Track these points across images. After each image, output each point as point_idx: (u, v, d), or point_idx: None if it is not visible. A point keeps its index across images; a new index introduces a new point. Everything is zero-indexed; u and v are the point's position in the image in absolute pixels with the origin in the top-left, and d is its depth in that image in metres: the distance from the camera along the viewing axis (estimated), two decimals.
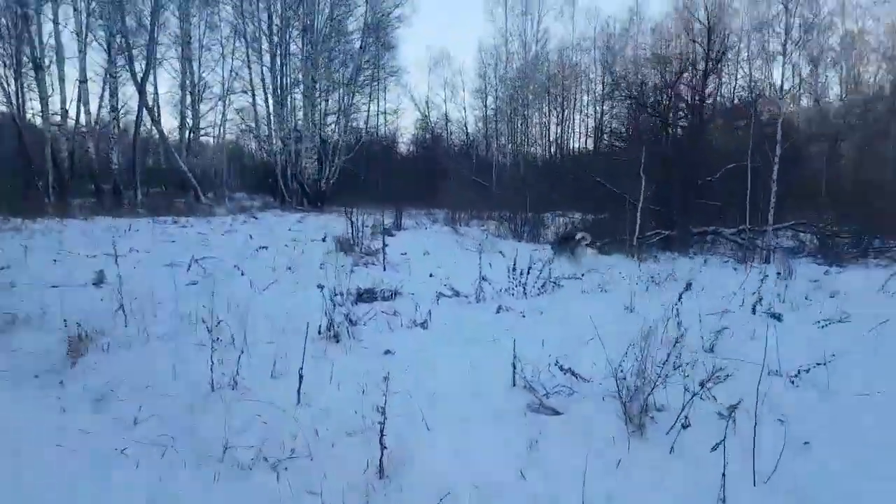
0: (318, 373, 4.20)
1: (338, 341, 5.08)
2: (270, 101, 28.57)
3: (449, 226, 17.39)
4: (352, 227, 10.97)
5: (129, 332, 5.19)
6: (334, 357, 4.63)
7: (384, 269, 8.80)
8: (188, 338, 5.09)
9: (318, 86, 27.32)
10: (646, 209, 12.77)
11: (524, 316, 5.82)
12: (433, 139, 37.74)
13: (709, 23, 14.18)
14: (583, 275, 7.81)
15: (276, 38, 26.76)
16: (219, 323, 4.97)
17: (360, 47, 27.74)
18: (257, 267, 8.45)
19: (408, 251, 10.57)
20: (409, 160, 38.27)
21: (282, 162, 27.90)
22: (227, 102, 29.99)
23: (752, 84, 23.25)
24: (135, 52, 23.01)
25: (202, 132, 30.43)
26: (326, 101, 28.21)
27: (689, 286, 4.67)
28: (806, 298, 7.11)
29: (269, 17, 26.72)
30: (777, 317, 5.74)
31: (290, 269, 8.62)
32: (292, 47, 27.58)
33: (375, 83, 29.90)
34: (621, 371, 3.43)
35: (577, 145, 39.32)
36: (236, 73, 29.20)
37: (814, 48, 29.81)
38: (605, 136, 37.19)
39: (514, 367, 3.89)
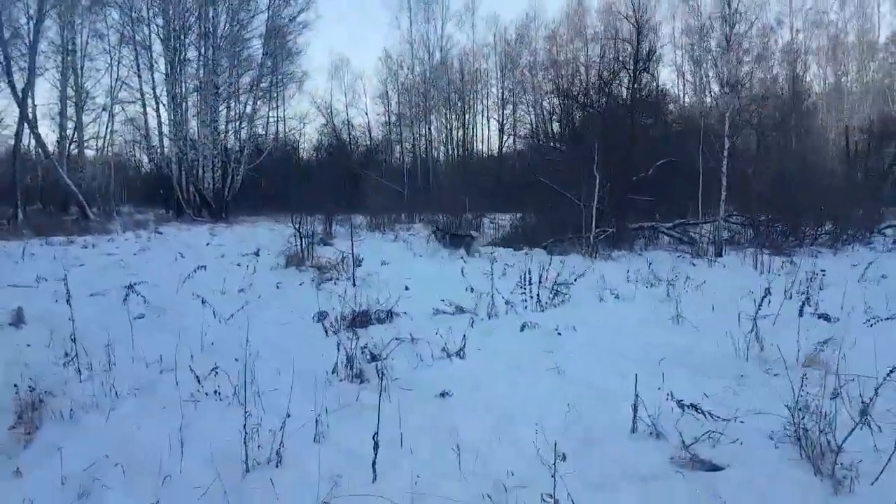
0: (365, 427, 3.31)
1: (361, 381, 4.17)
2: (164, 110, 26.40)
3: (378, 232, 16.44)
4: (300, 238, 9.86)
5: (87, 388, 4.04)
6: (373, 404, 3.73)
7: (354, 285, 7.84)
8: (171, 391, 4.01)
9: (219, 92, 25.47)
10: (589, 207, 12.48)
11: (559, 333, 5.10)
12: (339, 145, 36.46)
13: (637, 24, 14.13)
14: (576, 279, 7.19)
15: (172, 44, 24.59)
16: (215, 370, 3.95)
17: (264, 52, 26.14)
18: (204, 291, 7.25)
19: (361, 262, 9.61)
20: (315, 167, 36.76)
21: (177, 172, 25.74)
22: (112, 113, 27.55)
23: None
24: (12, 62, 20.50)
25: (85, 145, 27.72)
26: (228, 107, 26.36)
27: (807, 300, 4.16)
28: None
29: (167, 22, 24.52)
30: (826, 318, 5.36)
31: (243, 290, 7.49)
32: (190, 53, 25.55)
33: (280, 89, 28.30)
34: (797, 409, 2.80)
35: (482, 148, 39.34)
36: (123, 83, 26.81)
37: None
38: (509, 137, 37.71)
39: (636, 410, 3.16)
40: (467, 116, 38.62)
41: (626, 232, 13.61)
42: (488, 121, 39.30)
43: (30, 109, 22.00)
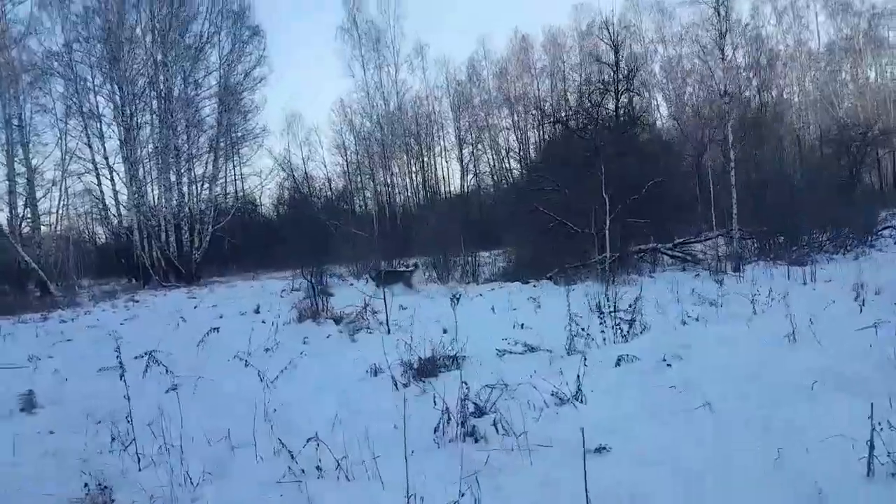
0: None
1: (476, 440, 3.60)
2: (119, 178, 25.45)
3: (369, 278, 15.78)
4: (313, 290, 9.21)
5: (151, 478, 3.36)
6: (512, 467, 3.18)
7: (388, 332, 7.24)
8: (253, 471, 3.39)
9: (179, 154, 24.70)
10: (600, 232, 12.19)
11: (669, 365, 4.55)
12: (301, 198, 35.83)
13: (615, 46, 14.17)
14: (629, 306, 6.72)
15: (125, 110, 23.79)
16: (314, 440, 3.33)
17: (221, 111, 25.50)
18: (225, 355, 6.57)
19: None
20: (278, 222, 36.01)
21: (139, 239, 24.64)
22: (64, 187, 26.43)
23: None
24: None
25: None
26: (189, 169, 25.51)
27: None
28: None
29: (119, 87, 23.74)
30: None
31: (269, 350, 6.81)
32: (144, 117, 24.78)
33: (239, 147, 27.61)
34: None
35: (444, 189, 39.12)
36: (73, 154, 25.78)
37: None
38: (473, 176, 37.69)
39: (871, 447, 2.64)
40: (425, 159, 38.51)
41: (629, 256, 13.34)
42: (447, 162, 39.20)
43: None
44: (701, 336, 5.32)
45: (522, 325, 6.66)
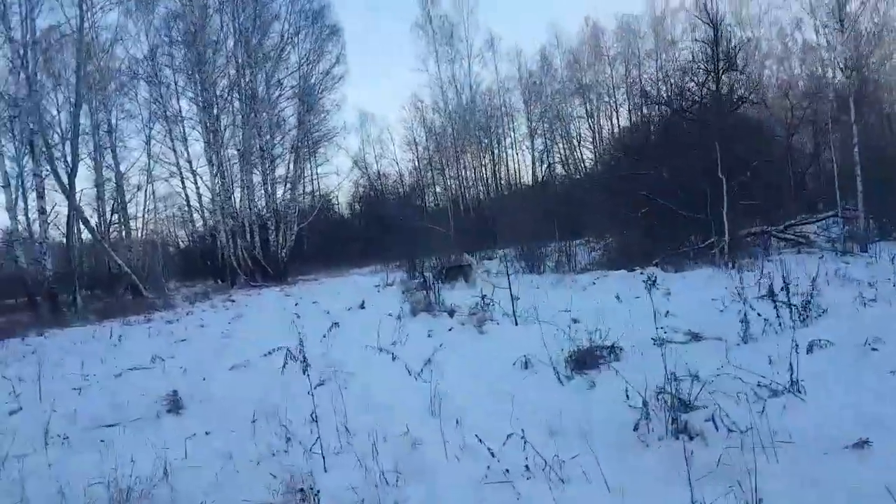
0: None
1: (691, 437, 3.22)
2: (201, 181, 26.17)
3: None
4: (425, 283, 9.02)
5: (341, 479, 3.13)
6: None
7: (516, 324, 6.93)
8: (453, 470, 3.11)
9: (264, 154, 25.15)
10: (694, 218, 11.57)
11: (875, 349, 4.02)
12: (376, 195, 36.14)
13: (714, 24, 13.42)
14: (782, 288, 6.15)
15: (213, 112, 24.37)
16: (508, 439, 3.04)
17: (303, 110, 25.78)
18: (355, 348, 6.40)
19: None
20: (354, 219, 36.45)
21: (224, 240, 25.21)
22: (151, 191, 27.43)
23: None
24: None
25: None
26: (273, 168, 25.93)
27: None
28: None
29: (203, 90, 24.33)
30: None
31: (395, 343, 6.58)
32: (228, 119, 25.36)
33: (321, 146, 27.92)
34: None
35: (517, 180, 38.58)
36: (157, 158, 26.70)
37: None
38: (546, 167, 37.01)
39: None
40: (496, 151, 38.03)
41: (741, 239, 12.60)
42: (518, 153, 38.65)
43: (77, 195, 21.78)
44: (892, 318, 4.74)
45: (667, 312, 6.19)
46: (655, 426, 3.37)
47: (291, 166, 26.43)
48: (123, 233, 26.88)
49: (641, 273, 11.33)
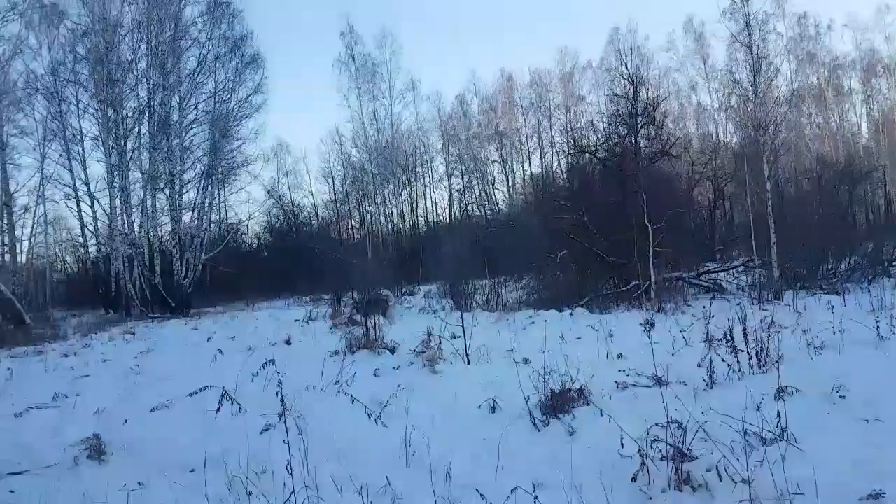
0: None
1: (695, 489, 3.09)
2: (100, 204, 24.64)
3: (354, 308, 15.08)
4: (365, 318, 8.58)
5: None
6: None
7: (468, 363, 6.67)
8: None
9: (173, 180, 23.87)
10: (644, 259, 11.89)
11: (843, 396, 4.05)
12: (290, 227, 35.12)
13: (633, 81, 14.11)
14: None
15: (119, 132, 22.96)
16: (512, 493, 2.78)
17: (217, 136, 24.69)
18: (296, 389, 5.91)
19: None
20: (264, 250, 35.11)
21: (121, 268, 23.56)
22: (42, 213, 25.52)
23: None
24: None
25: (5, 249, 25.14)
26: (181, 194, 24.59)
27: None
28: None
29: (114, 110, 22.89)
30: None
31: (339, 384, 6.14)
32: (137, 141, 23.97)
33: (236, 173, 26.75)
34: None
35: (432, 219, 38.80)
36: (50, 179, 24.86)
37: None
38: (467, 205, 37.43)
39: None
40: (415, 188, 38.30)
41: (662, 284, 13.01)
42: (436, 191, 39.09)
43: None
44: (850, 363, 4.85)
45: (620, 354, 6.13)
46: (655, 477, 3.19)
47: (201, 193, 25.20)
48: (8, 257, 24.66)
49: (571, 314, 11.44)
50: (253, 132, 26.46)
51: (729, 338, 5.10)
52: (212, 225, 27.32)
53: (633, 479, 3.22)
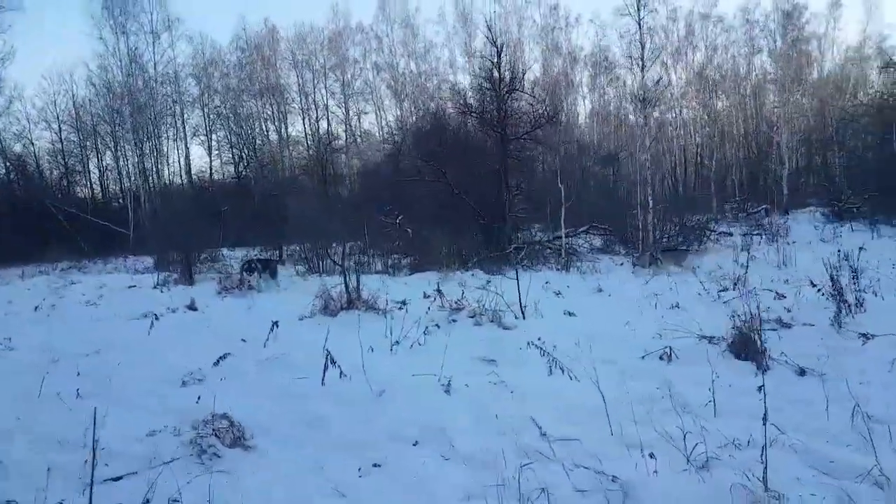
0: None
1: None
2: None
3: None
4: (345, 277, 7.10)
5: None
6: None
7: (524, 318, 5.99)
8: None
9: None
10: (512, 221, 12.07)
11: None
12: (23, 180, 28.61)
13: (497, 46, 14.31)
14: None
15: None
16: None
17: None
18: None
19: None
20: None
21: None
22: None
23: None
24: None
25: None
26: None
27: None
28: None
29: None
30: None
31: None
32: None
33: None
34: None
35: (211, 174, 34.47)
36: None
37: None
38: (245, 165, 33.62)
39: None
40: (170, 141, 33.49)
41: (532, 246, 13.45)
42: (188, 147, 34.47)
43: None
44: None
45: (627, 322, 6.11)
46: None
47: None
48: None
49: (473, 275, 11.01)
50: None
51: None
52: None
53: None
